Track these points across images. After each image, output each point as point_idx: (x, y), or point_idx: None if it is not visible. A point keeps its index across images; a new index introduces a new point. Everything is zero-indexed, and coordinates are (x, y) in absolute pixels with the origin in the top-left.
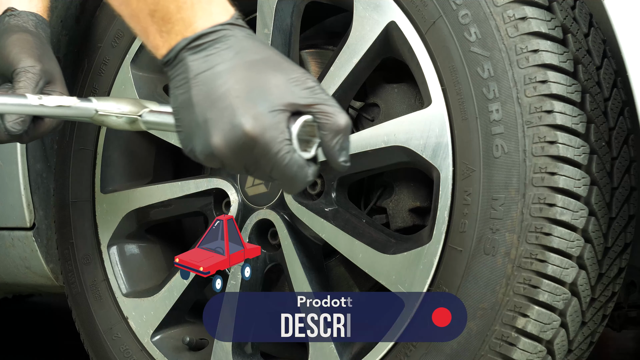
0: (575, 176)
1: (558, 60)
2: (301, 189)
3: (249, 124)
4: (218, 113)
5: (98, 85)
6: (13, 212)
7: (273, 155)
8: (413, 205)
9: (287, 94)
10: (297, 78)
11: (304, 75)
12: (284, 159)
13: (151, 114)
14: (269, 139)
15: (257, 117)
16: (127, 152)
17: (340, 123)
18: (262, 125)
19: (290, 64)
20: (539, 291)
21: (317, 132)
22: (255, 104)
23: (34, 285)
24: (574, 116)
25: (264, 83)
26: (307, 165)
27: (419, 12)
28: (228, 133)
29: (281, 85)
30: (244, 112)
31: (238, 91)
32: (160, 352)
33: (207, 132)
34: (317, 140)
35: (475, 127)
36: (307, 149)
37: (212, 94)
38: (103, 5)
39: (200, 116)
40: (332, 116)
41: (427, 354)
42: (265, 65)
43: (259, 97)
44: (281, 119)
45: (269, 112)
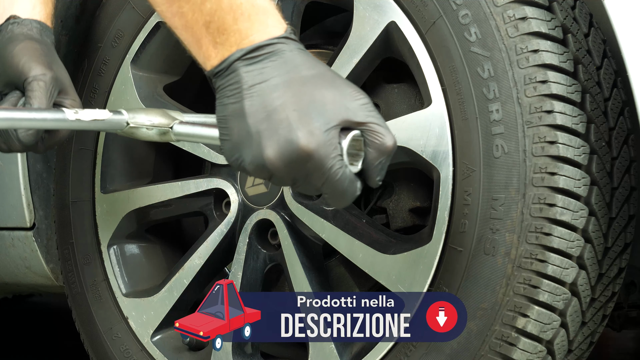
0: (575, 176)
1: (558, 60)
2: (349, 204)
3: (305, 139)
4: (273, 125)
5: (98, 85)
6: (13, 212)
7: (327, 170)
8: (413, 205)
9: (342, 110)
10: (351, 94)
11: (357, 91)
12: (337, 174)
13: (182, 125)
14: (324, 155)
15: (313, 132)
16: (127, 152)
17: (387, 144)
18: (317, 141)
19: (343, 80)
20: (539, 291)
21: (363, 147)
22: (311, 119)
23: (33, 285)
24: (574, 116)
25: (320, 98)
26: (356, 180)
27: (419, 12)
28: (283, 147)
29: (337, 101)
30: (301, 126)
31: (295, 105)
32: (161, 352)
33: (260, 144)
34: (362, 154)
35: (476, 127)
36: (354, 163)
37: (268, 106)
38: (103, 5)
39: (254, 127)
40: (381, 136)
41: (427, 354)
42: (321, 80)
43: (315, 113)
44: (334, 135)
45: (324, 128)
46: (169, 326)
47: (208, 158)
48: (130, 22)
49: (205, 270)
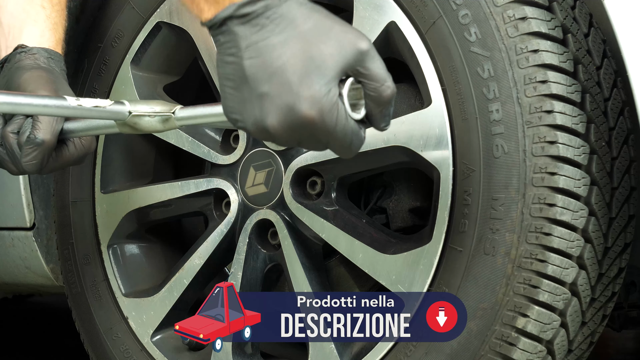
0: (575, 176)
1: (558, 60)
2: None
3: (307, 105)
4: (275, 89)
5: (98, 85)
6: (13, 212)
7: (332, 130)
8: (413, 205)
9: (340, 63)
10: (349, 42)
11: (356, 37)
12: (342, 131)
13: (184, 109)
14: (328, 119)
15: (315, 97)
16: (127, 152)
17: (385, 95)
18: (320, 107)
19: (341, 27)
20: (539, 291)
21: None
22: (312, 82)
23: (33, 285)
24: (574, 116)
25: (318, 55)
26: (360, 129)
27: (419, 12)
28: (286, 114)
29: (335, 53)
30: (302, 90)
31: (294, 66)
32: (160, 352)
33: (263, 109)
34: (364, 102)
35: (476, 127)
36: (357, 111)
37: (269, 67)
38: (103, 6)
39: (255, 89)
40: (378, 87)
41: (427, 354)
42: (318, 33)
43: (314, 72)
44: (335, 93)
45: (325, 88)
46: (168, 326)
47: (208, 158)
48: (130, 22)
49: (205, 270)
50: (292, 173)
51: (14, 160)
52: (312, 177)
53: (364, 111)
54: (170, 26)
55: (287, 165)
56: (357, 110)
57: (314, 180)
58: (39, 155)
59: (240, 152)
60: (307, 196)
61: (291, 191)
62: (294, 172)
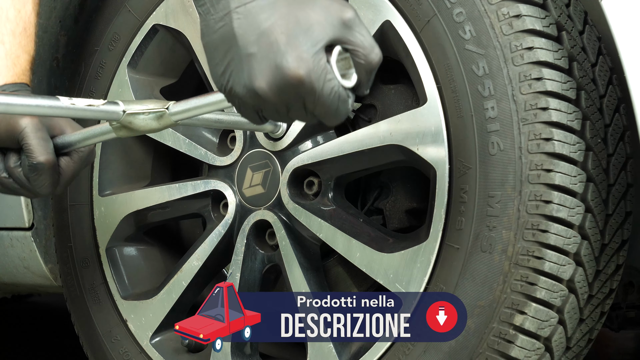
0: (571, 173)
1: (553, 58)
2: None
3: (294, 64)
4: (263, 49)
5: (95, 88)
6: (12, 212)
7: (319, 93)
8: (410, 206)
9: (327, 29)
10: (336, 10)
11: (342, 5)
12: (329, 95)
13: (177, 104)
14: (315, 79)
15: (302, 57)
16: (124, 156)
17: (372, 61)
18: (307, 66)
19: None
20: (536, 288)
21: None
22: (299, 43)
23: (32, 285)
24: (570, 113)
25: (305, 19)
26: (348, 97)
27: (413, 11)
28: (274, 73)
29: (322, 20)
30: (290, 50)
31: (282, 27)
32: (160, 354)
33: (251, 71)
34: (353, 70)
35: (471, 125)
36: (347, 78)
37: (257, 28)
38: (100, 9)
39: (244, 50)
40: (365, 55)
41: (425, 353)
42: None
43: (302, 35)
44: (322, 56)
45: (312, 50)
46: (168, 328)
47: (205, 160)
48: (126, 25)
49: (203, 271)
50: (289, 173)
51: (28, 188)
52: (309, 177)
53: (355, 79)
54: (166, 29)
55: (284, 165)
56: (348, 79)
57: (311, 181)
58: (45, 177)
59: (237, 154)
60: (304, 196)
61: (288, 191)
62: (290, 173)
